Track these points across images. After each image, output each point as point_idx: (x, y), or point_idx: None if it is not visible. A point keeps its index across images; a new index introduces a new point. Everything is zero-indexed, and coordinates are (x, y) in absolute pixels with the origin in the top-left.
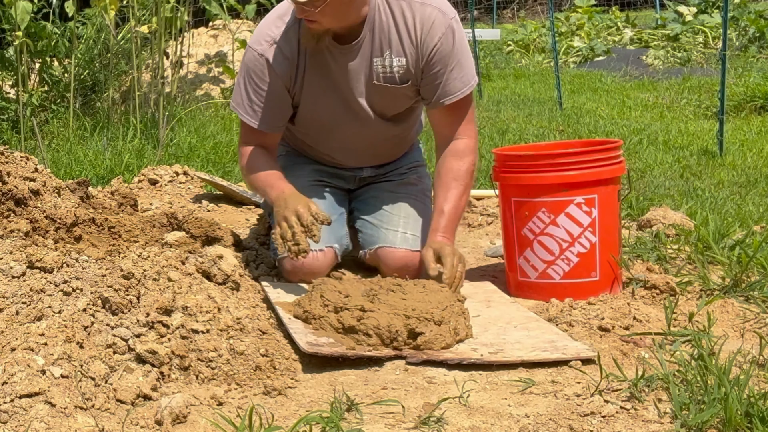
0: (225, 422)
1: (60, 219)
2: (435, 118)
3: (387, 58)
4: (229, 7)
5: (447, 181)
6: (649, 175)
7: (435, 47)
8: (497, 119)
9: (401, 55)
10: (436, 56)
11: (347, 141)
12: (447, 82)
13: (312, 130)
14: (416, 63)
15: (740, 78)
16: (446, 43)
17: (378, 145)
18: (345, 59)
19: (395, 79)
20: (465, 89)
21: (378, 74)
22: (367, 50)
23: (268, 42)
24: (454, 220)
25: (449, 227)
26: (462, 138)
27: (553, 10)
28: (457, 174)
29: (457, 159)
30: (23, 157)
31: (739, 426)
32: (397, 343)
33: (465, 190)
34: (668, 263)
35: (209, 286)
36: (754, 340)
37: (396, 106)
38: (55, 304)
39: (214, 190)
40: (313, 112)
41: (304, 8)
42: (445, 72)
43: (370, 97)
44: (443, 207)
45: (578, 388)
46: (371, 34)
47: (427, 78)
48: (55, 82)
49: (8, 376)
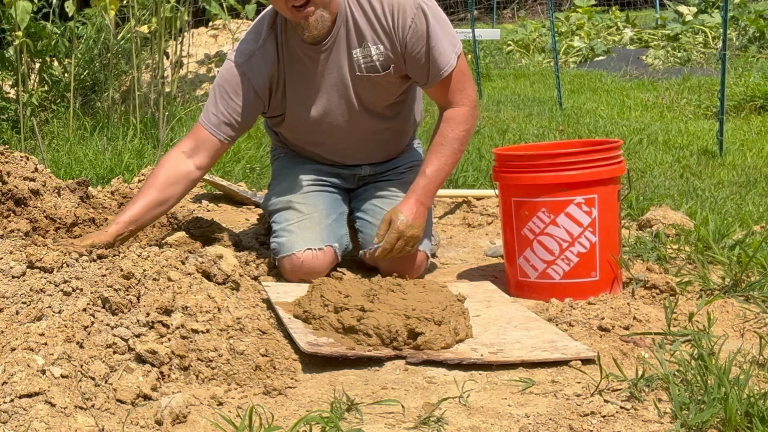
0: (225, 422)
1: (60, 219)
2: (431, 94)
3: (365, 48)
4: (229, 7)
5: (434, 146)
6: (649, 175)
7: (409, 30)
8: (497, 119)
9: (378, 42)
10: (412, 39)
11: (338, 139)
12: (431, 60)
13: (302, 134)
14: (394, 49)
15: (740, 78)
16: (420, 24)
17: (370, 141)
18: (323, 58)
19: (377, 68)
20: (451, 62)
21: (359, 65)
22: (343, 44)
23: (246, 54)
24: (434, 182)
25: (428, 189)
26: (457, 106)
27: (553, 10)
28: (444, 139)
29: (449, 125)
30: (23, 157)
31: (739, 426)
32: (397, 343)
33: (452, 155)
34: (668, 263)
35: (209, 286)
36: (754, 340)
37: (383, 96)
38: (55, 304)
39: (214, 190)
40: (300, 116)
41: None
42: (426, 51)
43: (356, 90)
44: (425, 169)
45: (578, 388)
46: (345, 28)
47: (410, 61)
48: (55, 82)
49: (8, 376)
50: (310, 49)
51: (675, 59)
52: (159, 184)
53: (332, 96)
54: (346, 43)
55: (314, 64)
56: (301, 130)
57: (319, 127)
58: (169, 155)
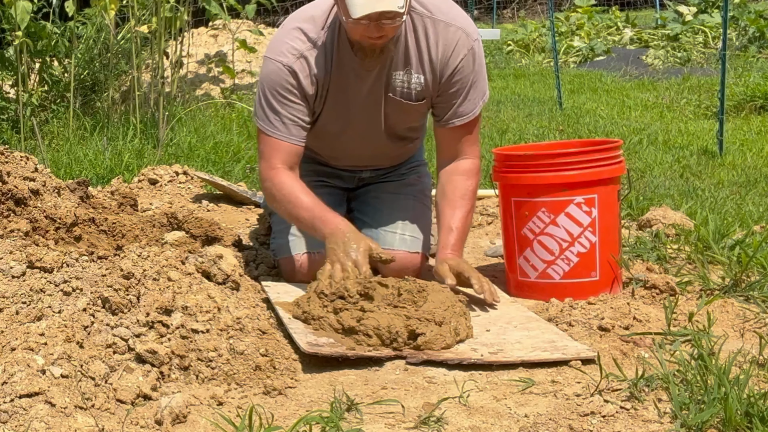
0: (225, 422)
1: (60, 219)
2: (442, 136)
3: (407, 74)
4: (229, 7)
5: (454, 199)
6: (649, 175)
7: (455, 69)
8: (497, 119)
9: (420, 72)
10: (455, 77)
11: (353, 152)
12: (461, 103)
13: (319, 141)
14: (434, 82)
15: (740, 78)
16: (467, 66)
17: (383, 155)
18: (367, 74)
19: (411, 96)
20: (475, 110)
21: (395, 88)
22: (387, 64)
23: (294, 55)
24: (462, 238)
25: (458, 245)
26: (468, 158)
27: (553, 10)
28: (464, 193)
29: (465, 178)
30: (23, 157)
31: (739, 426)
32: (397, 343)
33: (471, 209)
34: (668, 263)
35: (209, 286)
36: (754, 340)
37: (407, 121)
38: (55, 303)
39: (214, 190)
40: (326, 127)
41: (385, 24)
42: (461, 94)
43: (386, 110)
44: (451, 224)
45: (578, 388)
46: (395, 49)
47: (443, 97)
48: (55, 82)
49: (8, 376)
50: (360, 65)
51: (675, 59)
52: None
53: (364, 113)
54: (391, 63)
55: (358, 81)
56: (320, 138)
57: (338, 139)
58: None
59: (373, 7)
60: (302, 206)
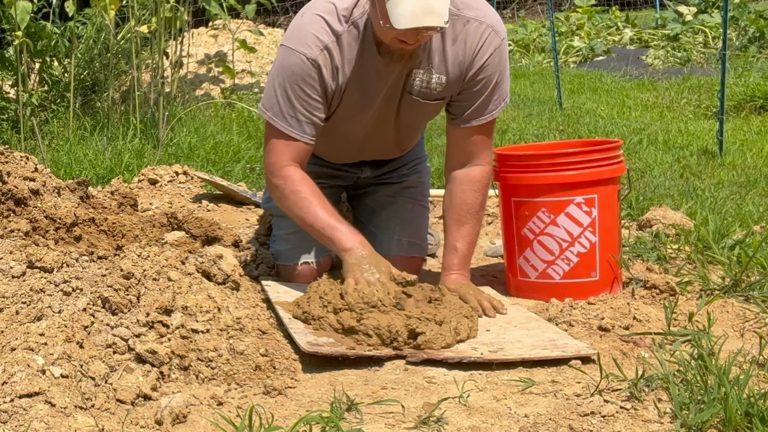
0: (225, 422)
1: (60, 219)
2: (458, 136)
3: (427, 73)
4: (229, 7)
5: (461, 215)
6: (649, 175)
7: (481, 67)
8: (497, 119)
9: (442, 72)
10: (480, 75)
11: (357, 146)
12: (482, 102)
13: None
14: (458, 80)
15: (740, 78)
16: (493, 64)
17: (387, 149)
18: (389, 74)
19: (429, 95)
20: (495, 111)
21: (413, 86)
22: (408, 60)
23: (319, 47)
24: (467, 256)
25: (462, 265)
26: (480, 165)
27: (553, 10)
28: (471, 207)
29: (474, 190)
30: (23, 157)
31: (739, 426)
32: (398, 343)
33: (478, 223)
34: (668, 263)
35: (209, 286)
36: (754, 340)
37: (419, 118)
38: (55, 304)
39: (214, 190)
40: (337, 124)
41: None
42: (484, 93)
43: (400, 108)
44: (456, 244)
45: (578, 388)
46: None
47: (465, 95)
48: (55, 82)
49: (8, 376)
50: (383, 65)
51: (675, 59)
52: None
53: (378, 111)
54: (411, 60)
55: (379, 81)
56: (324, 133)
57: (344, 134)
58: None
59: (421, 22)
60: (314, 212)
